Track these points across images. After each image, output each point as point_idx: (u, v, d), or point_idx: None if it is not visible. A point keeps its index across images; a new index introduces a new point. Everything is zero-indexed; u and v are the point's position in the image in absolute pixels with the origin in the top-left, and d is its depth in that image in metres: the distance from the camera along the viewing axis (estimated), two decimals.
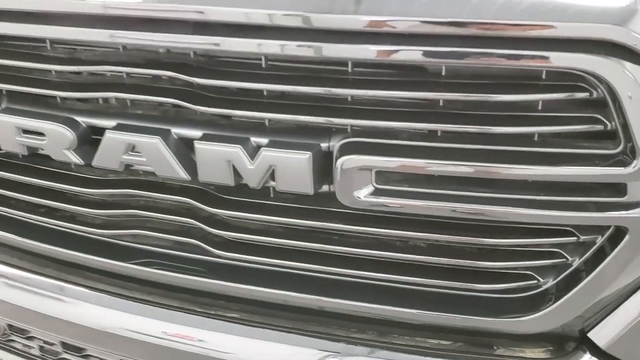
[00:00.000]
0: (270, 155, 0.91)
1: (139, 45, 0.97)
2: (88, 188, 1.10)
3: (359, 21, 0.82)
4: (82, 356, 1.25)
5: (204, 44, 0.91)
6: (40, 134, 1.04)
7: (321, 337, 1.03)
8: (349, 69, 0.89)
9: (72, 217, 1.16)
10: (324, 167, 0.92)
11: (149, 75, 0.99)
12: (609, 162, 0.83)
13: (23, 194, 1.18)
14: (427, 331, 1.02)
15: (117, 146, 0.99)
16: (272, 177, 0.94)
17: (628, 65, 0.78)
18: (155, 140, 0.96)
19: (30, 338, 1.30)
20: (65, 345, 1.25)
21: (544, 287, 0.95)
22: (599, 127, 0.83)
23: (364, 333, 1.04)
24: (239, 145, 0.92)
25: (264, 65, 0.93)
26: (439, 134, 0.88)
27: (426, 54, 0.82)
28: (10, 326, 1.31)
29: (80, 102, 1.06)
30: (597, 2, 0.76)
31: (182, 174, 0.97)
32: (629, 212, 0.85)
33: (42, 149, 1.06)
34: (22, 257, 1.25)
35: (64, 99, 1.06)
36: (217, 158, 0.94)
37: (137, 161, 0.99)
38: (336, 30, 0.84)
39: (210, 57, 0.96)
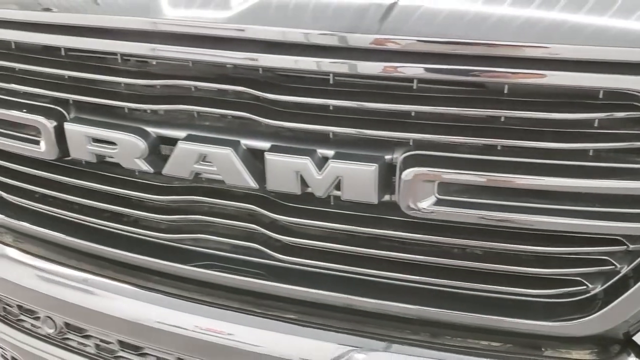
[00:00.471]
0: (338, 166, 0.97)
1: (209, 62, 1.02)
2: (154, 195, 1.15)
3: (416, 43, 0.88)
4: (139, 354, 1.30)
5: (276, 61, 0.96)
6: (112, 143, 1.10)
7: (381, 338, 1.08)
8: (414, 86, 0.95)
9: (135, 222, 1.21)
10: (386, 178, 0.98)
11: (218, 89, 1.04)
12: None
13: (84, 198, 1.24)
14: (478, 333, 1.07)
15: (189, 156, 1.05)
16: (337, 186, 0.99)
17: None
18: (227, 151, 1.02)
19: (87, 337, 1.36)
20: (122, 343, 1.31)
21: (593, 292, 1.01)
22: None
23: (418, 334, 1.09)
24: (308, 157, 0.98)
25: (331, 82, 0.98)
26: (498, 148, 0.94)
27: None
28: (67, 324, 1.37)
29: (149, 113, 1.11)
30: None
31: (251, 183, 1.03)
32: None
33: (112, 157, 1.12)
34: (81, 258, 1.31)
35: (132, 109, 1.12)
36: (286, 168, 1.00)
37: (208, 170, 1.05)
38: (398, 51, 0.90)
39: (277, 73, 1.01)
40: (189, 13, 1.00)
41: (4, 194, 1.36)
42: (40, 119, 1.15)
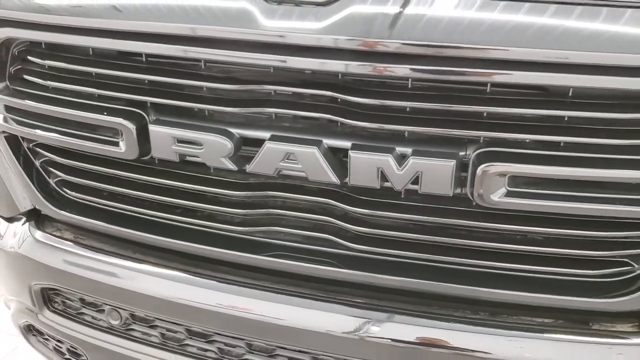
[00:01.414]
0: (418, 162, 1.08)
1: (293, 68, 1.12)
2: (231, 190, 1.24)
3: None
4: (207, 341, 1.39)
5: (359, 67, 1.07)
6: (197, 143, 1.19)
7: (454, 319, 1.19)
8: (487, 89, 1.06)
9: (210, 216, 1.30)
10: (460, 172, 1.09)
11: (301, 93, 1.14)
12: None
13: (157, 194, 1.32)
14: (534, 311, 1.20)
15: (276, 155, 1.14)
16: (414, 181, 1.10)
17: None
18: (313, 150, 1.11)
19: (153, 327, 1.44)
20: (189, 331, 1.39)
21: (638, 272, 1.14)
22: None
23: (478, 314, 1.21)
24: (390, 154, 1.09)
25: (409, 86, 1.09)
26: (562, 144, 1.06)
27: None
28: (132, 315, 1.45)
29: (230, 115, 1.20)
30: None
31: (334, 179, 1.13)
32: None
33: (197, 157, 1.20)
34: (145, 252, 1.39)
35: (212, 111, 1.20)
36: (369, 165, 1.10)
37: (292, 167, 1.14)
38: (465, 57, 1.02)
39: (357, 77, 1.12)
40: (280, 24, 1.09)
41: (70, 192, 1.43)
42: (123, 121, 1.23)
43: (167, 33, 1.15)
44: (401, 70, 1.05)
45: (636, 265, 1.14)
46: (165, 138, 1.21)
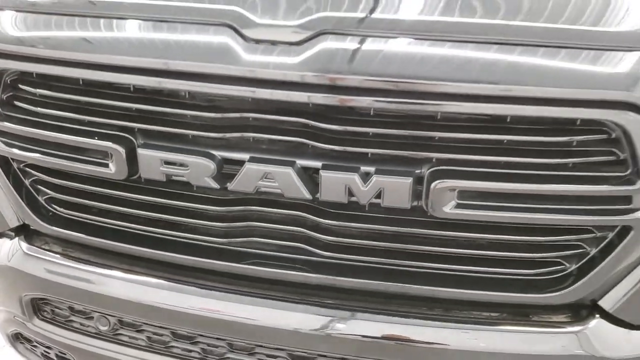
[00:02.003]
0: (380, 180, 1.24)
1: (269, 99, 1.25)
2: (214, 206, 1.38)
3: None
4: (192, 343, 1.52)
5: (326, 98, 1.22)
6: (183, 164, 1.32)
7: (412, 316, 1.36)
8: (438, 116, 1.23)
9: (193, 229, 1.44)
10: (416, 187, 1.25)
11: (278, 119, 1.28)
12: (621, 181, 1.21)
13: (144, 210, 1.44)
14: (480, 307, 1.37)
15: (254, 174, 1.28)
16: (377, 195, 1.26)
17: (636, 115, 1.16)
18: (288, 170, 1.26)
19: (140, 331, 1.56)
20: (175, 334, 1.53)
21: (569, 270, 1.32)
22: (615, 157, 1.20)
23: (432, 310, 1.38)
24: (356, 173, 1.24)
25: (371, 114, 1.25)
26: (502, 163, 1.23)
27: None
28: (120, 321, 1.57)
29: (213, 139, 1.33)
30: (619, 77, 1.14)
31: (307, 195, 1.28)
32: (632, 215, 1.23)
33: (183, 177, 1.33)
34: (132, 262, 1.52)
35: (197, 136, 1.34)
36: (337, 183, 1.25)
37: (270, 185, 1.29)
38: (418, 91, 1.18)
39: (325, 106, 1.27)
40: (257, 61, 1.23)
41: (59, 209, 1.54)
42: (113, 145, 1.35)
43: (153, 68, 1.28)
44: (362, 101, 1.20)
45: (567, 265, 1.32)
46: (152, 160, 1.34)
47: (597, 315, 1.34)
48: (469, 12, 1.20)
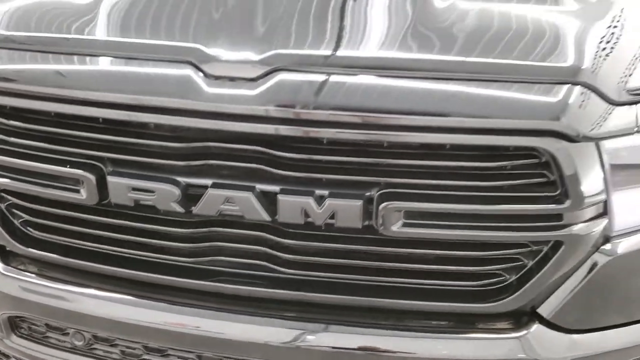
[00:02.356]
0: (333, 203, 1.34)
1: (228, 130, 1.35)
2: (180, 228, 1.47)
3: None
4: (163, 356, 1.61)
5: (281, 129, 1.32)
6: (150, 190, 1.41)
7: (368, 326, 1.46)
8: (385, 144, 1.34)
9: (162, 249, 1.53)
10: (367, 208, 1.36)
11: (238, 148, 1.38)
12: (551, 201, 1.33)
13: (114, 232, 1.53)
14: (430, 315, 1.48)
15: (217, 199, 1.38)
16: (331, 217, 1.37)
17: (563, 142, 1.28)
18: (248, 195, 1.37)
19: (114, 345, 1.65)
20: (147, 348, 1.62)
21: (509, 281, 1.44)
22: (546, 179, 1.32)
23: (387, 320, 1.49)
24: (310, 197, 1.35)
25: (325, 142, 1.35)
26: (444, 186, 1.35)
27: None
28: (95, 337, 1.66)
29: (178, 167, 1.43)
30: (545, 108, 1.27)
31: (266, 217, 1.38)
32: (563, 230, 1.35)
33: (150, 202, 1.43)
34: (106, 282, 1.60)
35: (162, 163, 1.43)
36: (294, 206, 1.36)
37: (231, 209, 1.39)
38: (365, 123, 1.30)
39: (283, 136, 1.37)
40: (216, 96, 1.33)
41: (34, 231, 1.62)
42: (83, 173, 1.44)
43: (121, 102, 1.38)
44: (314, 131, 1.31)
45: (507, 276, 1.44)
46: (121, 187, 1.43)
47: (537, 322, 1.46)
48: (408, 48, 1.31)
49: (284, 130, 1.32)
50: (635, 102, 1.36)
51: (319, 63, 1.32)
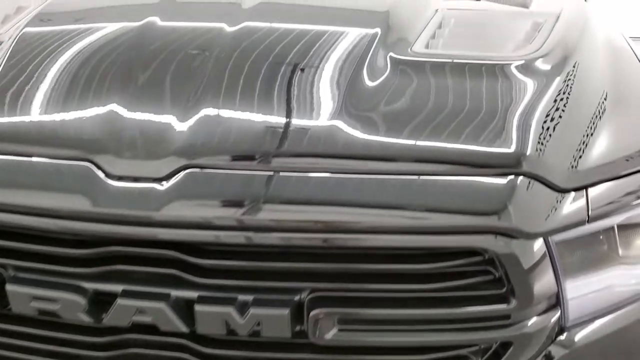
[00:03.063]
0: (257, 312, 1.19)
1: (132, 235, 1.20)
2: (92, 337, 1.32)
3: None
4: None
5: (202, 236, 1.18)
6: (53, 300, 1.26)
7: None
8: (311, 247, 1.20)
9: (76, 357, 1.36)
10: (297, 314, 1.22)
11: (148, 252, 1.23)
12: (497, 299, 1.21)
13: (20, 340, 1.37)
14: None
15: (128, 310, 1.23)
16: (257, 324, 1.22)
17: (506, 240, 1.15)
18: (161, 304, 1.21)
19: None
20: None
21: None
22: (491, 276, 1.20)
23: None
24: (232, 306, 1.20)
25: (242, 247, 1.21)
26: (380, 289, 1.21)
27: None
28: None
29: (84, 274, 1.27)
30: (486, 203, 1.14)
31: (183, 329, 1.23)
32: (512, 329, 1.23)
33: (54, 312, 1.27)
34: None
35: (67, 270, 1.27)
36: (214, 316, 1.21)
37: (144, 320, 1.24)
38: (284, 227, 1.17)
39: (194, 241, 1.22)
40: (118, 199, 1.18)
41: None
42: None
43: (18, 206, 1.22)
44: (229, 237, 1.17)
45: None
46: (21, 296, 1.27)
47: None
48: (331, 140, 1.17)
49: (196, 235, 1.17)
50: (587, 186, 1.24)
51: (233, 160, 1.17)
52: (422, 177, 1.15)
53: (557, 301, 1.26)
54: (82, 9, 1.78)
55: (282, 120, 1.26)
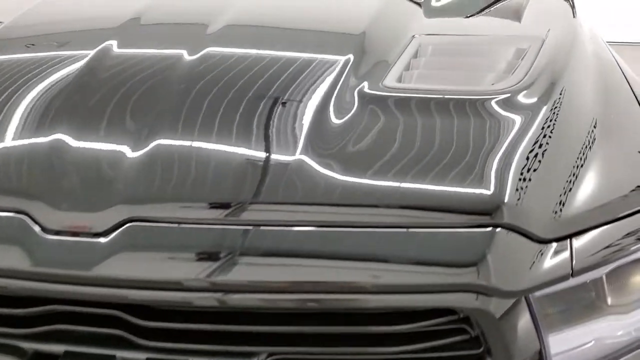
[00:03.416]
0: None
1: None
2: None
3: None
4: None
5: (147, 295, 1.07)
6: None
7: None
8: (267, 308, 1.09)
9: None
10: None
11: (92, 312, 1.13)
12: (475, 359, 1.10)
13: None
14: None
15: None
16: None
17: (481, 298, 1.04)
18: None
19: None
20: None
21: None
22: (468, 335, 1.09)
23: None
24: None
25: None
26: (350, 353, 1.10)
27: None
28: None
29: (24, 333, 1.16)
30: (459, 260, 1.03)
31: None
32: None
33: None
34: None
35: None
36: None
37: None
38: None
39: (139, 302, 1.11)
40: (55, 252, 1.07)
41: None
42: None
43: None
44: (177, 297, 1.06)
45: None
46: None
47: None
48: (290, 189, 1.07)
49: (140, 295, 1.07)
50: (572, 235, 1.13)
51: (181, 211, 1.07)
52: (391, 230, 1.04)
53: (539, 358, 1.15)
54: (37, 34, 1.68)
55: (236, 165, 1.15)
